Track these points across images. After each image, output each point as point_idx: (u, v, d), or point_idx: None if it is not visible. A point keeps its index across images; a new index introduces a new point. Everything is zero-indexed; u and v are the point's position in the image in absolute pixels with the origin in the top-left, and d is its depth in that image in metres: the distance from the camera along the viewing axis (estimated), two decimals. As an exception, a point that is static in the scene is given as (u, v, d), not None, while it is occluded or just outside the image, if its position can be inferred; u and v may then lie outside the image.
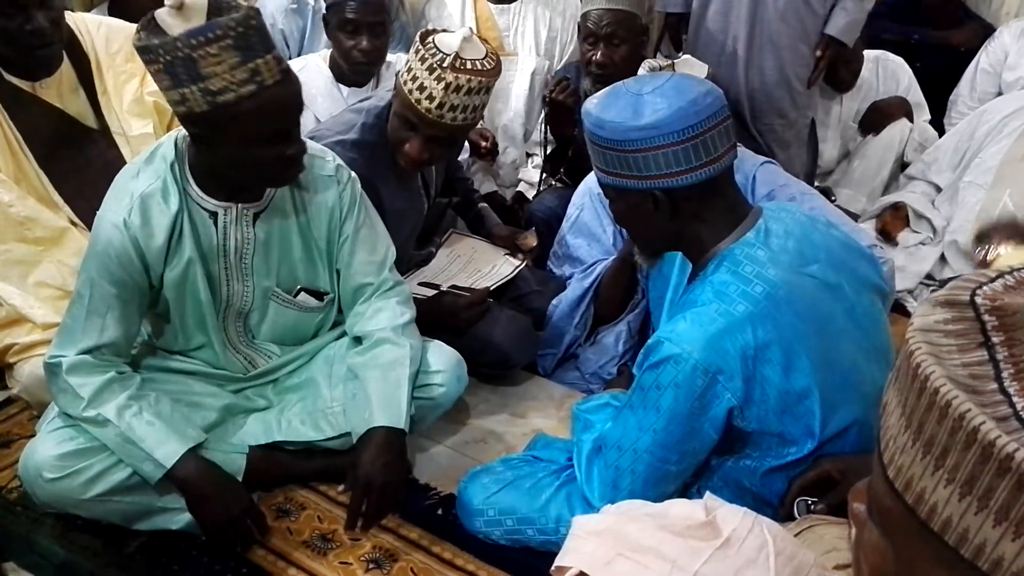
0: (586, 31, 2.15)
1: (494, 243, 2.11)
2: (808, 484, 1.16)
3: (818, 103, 2.61)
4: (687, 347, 1.09)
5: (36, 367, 1.55)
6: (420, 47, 1.55)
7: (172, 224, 1.32)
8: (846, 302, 1.18)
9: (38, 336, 1.63)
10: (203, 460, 1.34)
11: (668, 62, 1.87)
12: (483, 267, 2.01)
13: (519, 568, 1.36)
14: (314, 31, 2.56)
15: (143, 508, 1.37)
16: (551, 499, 1.33)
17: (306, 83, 1.55)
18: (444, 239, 2.09)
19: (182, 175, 1.33)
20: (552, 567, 0.72)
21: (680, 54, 2.21)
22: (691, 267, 1.24)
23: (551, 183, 2.40)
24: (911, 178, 2.52)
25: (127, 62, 1.85)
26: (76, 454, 1.32)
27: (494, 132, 2.54)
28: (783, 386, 1.11)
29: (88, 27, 1.82)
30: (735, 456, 1.21)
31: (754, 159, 1.78)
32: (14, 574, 1.37)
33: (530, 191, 2.55)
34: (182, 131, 1.34)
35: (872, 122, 2.64)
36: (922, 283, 2.31)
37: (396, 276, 1.56)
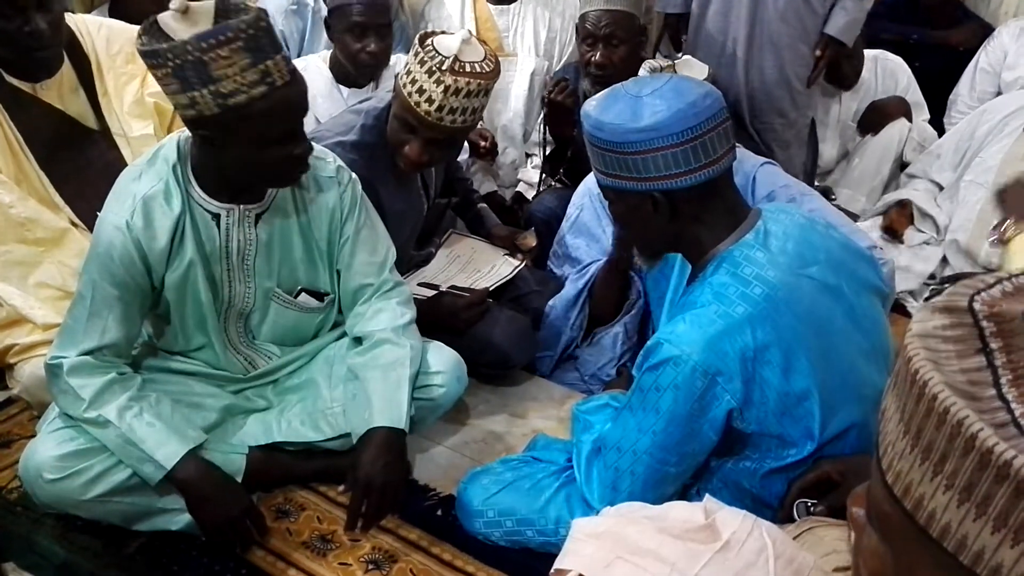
0: (584, 32, 2.15)
1: (493, 243, 2.11)
2: (808, 486, 1.16)
3: (818, 103, 2.60)
4: (686, 349, 1.09)
5: (37, 367, 1.55)
6: (419, 50, 1.55)
7: (174, 226, 1.32)
8: (845, 304, 1.18)
9: (38, 337, 1.63)
10: (203, 461, 1.35)
11: (669, 63, 1.87)
12: (482, 267, 2.01)
13: (518, 569, 1.36)
14: (314, 32, 2.56)
15: (143, 509, 1.37)
16: (550, 500, 1.33)
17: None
18: (444, 239, 2.09)
19: (184, 177, 1.33)
20: (551, 569, 0.72)
21: (680, 54, 2.21)
22: (690, 268, 1.24)
23: (550, 184, 2.40)
24: (912, 176, 2.51)
25: (127, 63, 1.84)
26: (76, 455, 1.32)
27: (493, 132, 2.54)
28: (782, 388, 1.11)
29: (89, 28, 1.82)
30: (734, 458, 1.21)
31: (754, 160, 1.78)
32: (14, 574, 1.37)
33: (529, 191, 2.54)
34: (184, 133, 1.34)
35: (871, 122, 2.63)
36: (923, 282, 2.31)
37: (396, 277, 1.56)
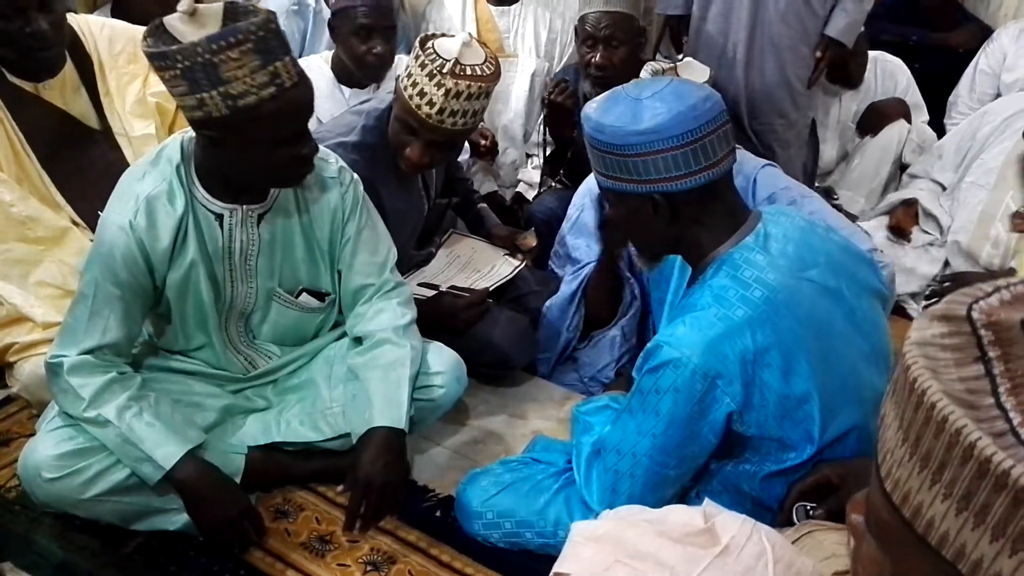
0: (584, 34, 2.15)
1: (493, 243, 2.11)
2: (807, 489, 1.16)
3: (818, 103, 2.60)
4: (686, 351, 1.09)
5: (36, 366, 1.55)
6: (420, 52, 1.55)
7: (177, 226, 1.32)
8: (845, 306, 1.18)
9: (38, 335, 1.63)
10: (202, 462, 1.35)
11: (671, 65, 1.87)
12: (482, 267, 2.01)
13: (517, 571, 1.36)
14: (315, 32, 2.55)
15: (141, 508, 1.37)
16: (550, 502, 1.33)
17: (308, 85, 1.55)
18: (444, 239, 2.09)
19: (188, 177, 1.33)
20: (550, 572, 0.72)
21: (681, 56, 2.21)
22: (690, 271, 1.24)
23: (550, 184, 2.41)
24: (914, 177, 2.51)
25: (129, 63, 1.85)
26: (75, 454, 1.32)
27: (494, 133, 2.54)
28: (782, 391, 1.11)
29: (91, 29, 1.82)
30: (734, 460, 1.21)
31: (755, 162, 1.78)
32: (12, 574, 1.37)
33: (530, 191, 2.55)
34: (188, 133, 1.34)
35: (870, 123, 2.63)
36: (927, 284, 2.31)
37: (397, 277, 1.56)
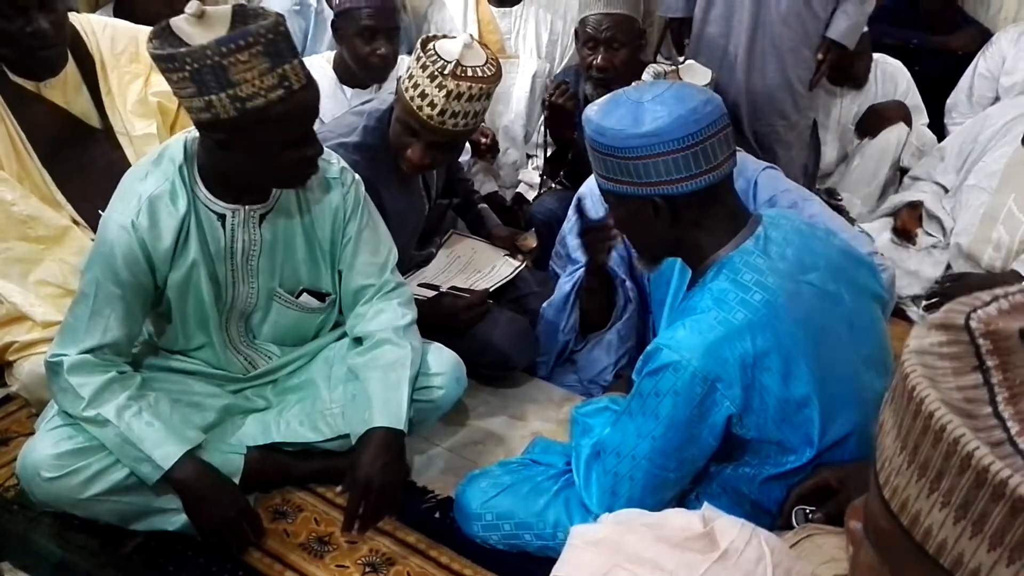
0: (585, 36, 2.15)
1: (494, 244, 2.11)
2: (807, 493, 1.16)
3: (819, 105, 2.60)
4: (686, 354, 1.09)
5: (36, 365, 1.55)
6: (421, 54, 1.56)
7: (179, 226, 1.32)
8: (845, 310, 1.19)
9: (38, 334, 1.63)
10: (201, 462, 1.35)
11: (672, 67, 1.87)
12: (483, 268, 2.01)
13: (516, 573, 1.36)
14: (316, 32, 2.56)
15: (140, 508, 1.37)
16: (549, 504, 1.33)
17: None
18: (444, 240, 2.10)
19: (190, 177, 1.33)
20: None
21: (682, 58, 2.21)
22: (690, 273, 1.24)
23: (551, 186, 2.41)
24: (916, 179, 2.50)
25: (131, 62, 1.85)
26: (74, 453, 1.32)
27: (495, 133, 2.55)
28: (782, 394, 1.12)
29: (93, 28, 1.82)
30: (734, 463, 1.21)
31: (756, 164, 1.78)
32: (10, 574, 1.37)
33: (530, 192, 2.55)
34: (191, 133, 1.34)
35: (869, 124, 2.62)
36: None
37: (398, 278, 1.56)
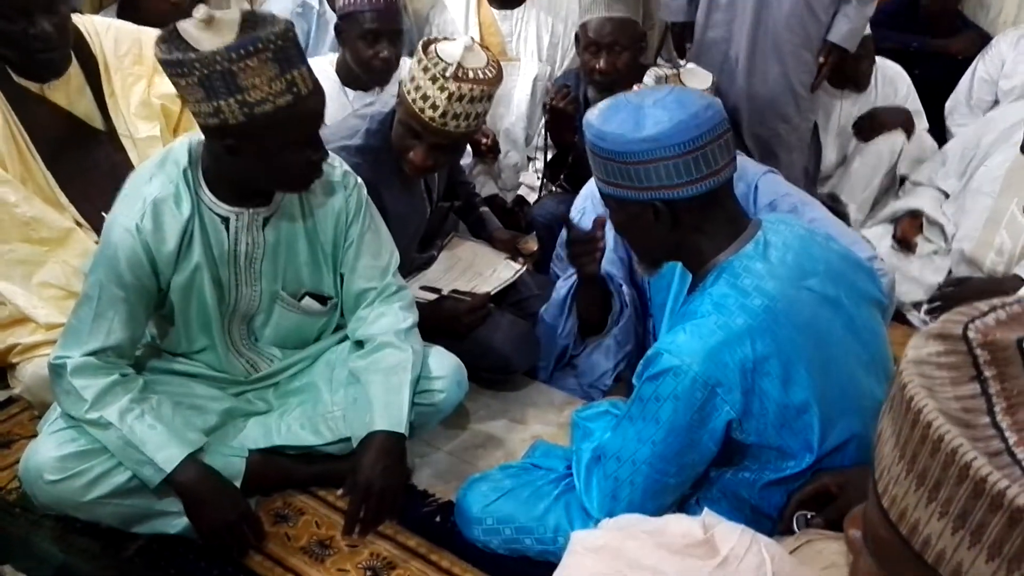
0: (587, 40, 2.15)
1: (495, 247, 2.11)
2: (807, 498, 1.16)
3: (819, 107, 2.60)
4: (686, 359, 1.09)
5: (39, 367, 1.56)
6: (422, 56, 1.56)
7: (183, 229, 1.32)
8: (844, 315, 1.19)
9: (41, 336, 1.64)
10: (202, 465, 1.35)
11: (674, 71, 1.87)
12: (484, 271, 2.01)
13: (517, 577, 1.36)
14: (318, 35, 2.56)
15: (142, 511, 1.37)
16: (550, 508, 1.32)
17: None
18: (445, 242, 2.10)
19: (195, 180, 1.34)
20: (549, 581, 0.72)
21: (684, 62, 2.22)
22: (691, 278, 1.24)
23: (551, 189, 2.41)
24: (917, 184, 2.50)
25: (135, 64, 1.85)
26: (77, 456, 1.32)
27: (496, 135, 2.55)
28: (782, 399, 1.12)
29: (97, 29, 1.83)
30: (734, 468, 1.21)
31: (756, 168, 1.78)
32: (12, 576, 1.38)
33: (531, 194, 2.55)
34: (195, 137, 1.34)
35: (865, 127, 2.62)
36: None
37: (399, 281, 1.56)
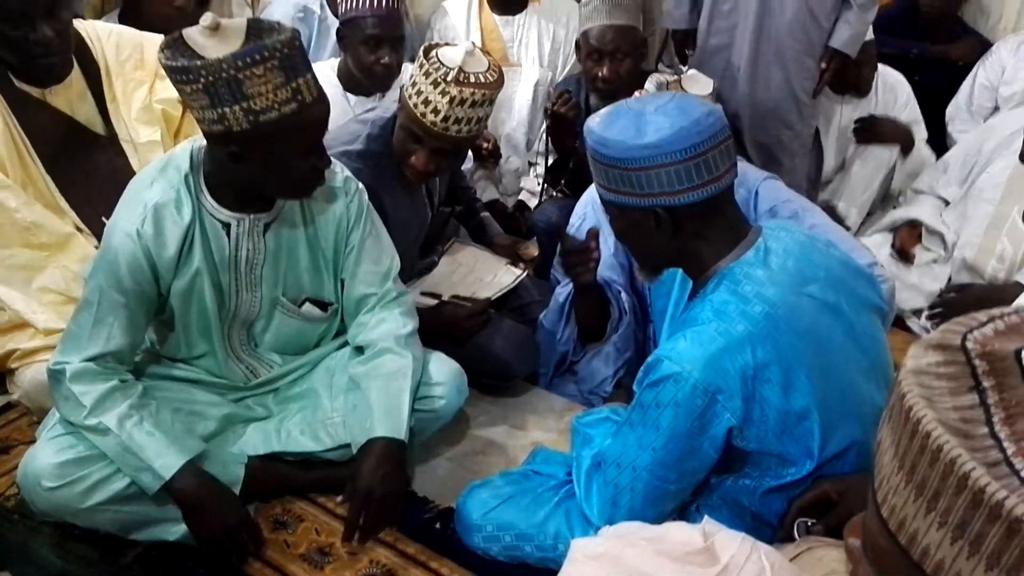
0: (588, 48, 2.15)
1: (496, 252, 2.11)
2: (807, 505, 1.16)
3: (820, 112, 2.61)
4: (687, 366, 1.09)
5: (38, 373, 1.55)
6: (424, 62, 1.57)
7: (184, 235, 1.33)
8: (845, 322, 1.18)
9: (40, 342, 1.63)
10: (201, 472, 1.34)
11: (675, 77, 1.88)
12: (484, 276, 2.01)
13: (517, 584, 1.35)
14: (319, 40, 2.57)
15: (141, 518, 1.37)
16: (550, 515, 1.32)
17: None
18: (446, 248, 2.10)
19: (196, 186, 1.34)
20: (548, 589, 0.72)
21: (686, 68, 2.22)
22: (691, 284, 1.24)
23: (552, 194, 2.41)
24: (919, 192, 2.50)
25: (136, 70, 1.85)
26: (76, 462, 1.32)
27: (497, 140, 2.55)
28: (782, 406, 1.11)
29: (99, 35, 1.83)
30: (734, 475, 1.20)
31: (756, 174, 1.78)
32: (11, 583, 1.37)
33: (532, 199, 2.56)
34: (197, 142, 1.35)
35: (865, 131, 2.61)
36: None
37: (400, 287, 1.56)
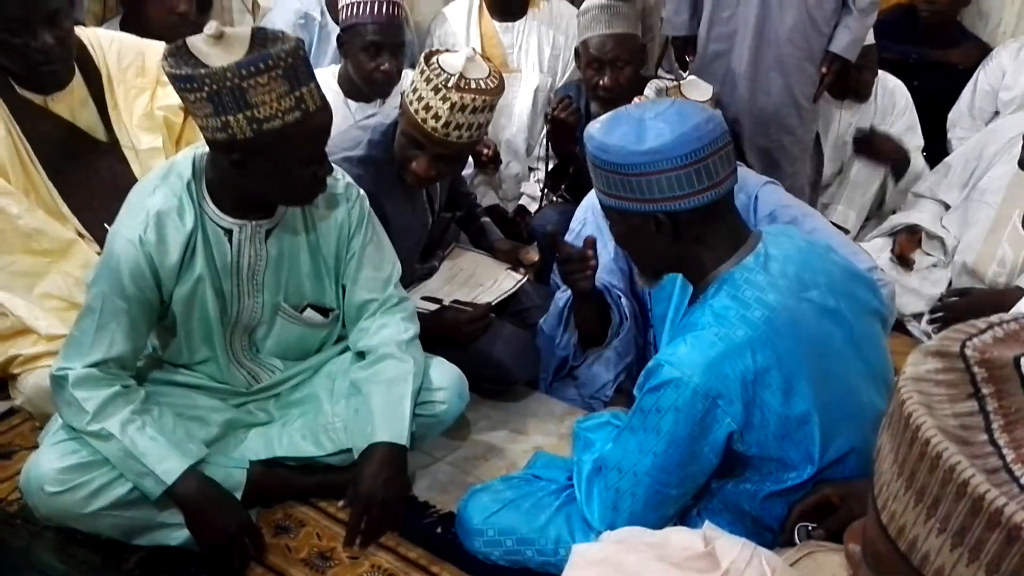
0: (589, 57, 2.16)
1: (496, 257, 2.12)
2: (808, 509, 1.16)
3: (819, 116, 2.61)
4: (687, 371, 1.09)
5: (40, 378, 1.56)
6: (425, 68, 1.57)
7: (186, 242, 1.33)
8: (845, 327, 1.19)
9: (42, 347, 1.64)
10: (203, 477, 1.35)
11: (674, 83, 1.88)
12: (485, 281, 2.01)
13: (518, 589, 1.35)
14: (320, 46, 2.57)
15: (143, 523, 1.37)
16: (551, 520, 1.32)
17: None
18: (447, 253, 2.10)
19: (198, 193, 1.34)
20: (550, 595, 0.72)
21: (686, 74, 2.23)
22: (691, 289, 1.25)
23: (552, 199, 2.42)
24: (919, 196, 2.51)
25: (138, 76, 1.86)
26: (78, 468, 1.32)
27: (497, 146, 2.56)
28: (783, 411, 1.12)
29: (100, 42, 1.84)
30: (735, 480, 1.21)
31: (756, 179, 1.78)
32: (13, 588, 1.37)
33: (532, 204, 2.56)
34: (199, 149, 1.35)
35: (865, 143, 2.62)
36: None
37: (401, 292, 1.57)
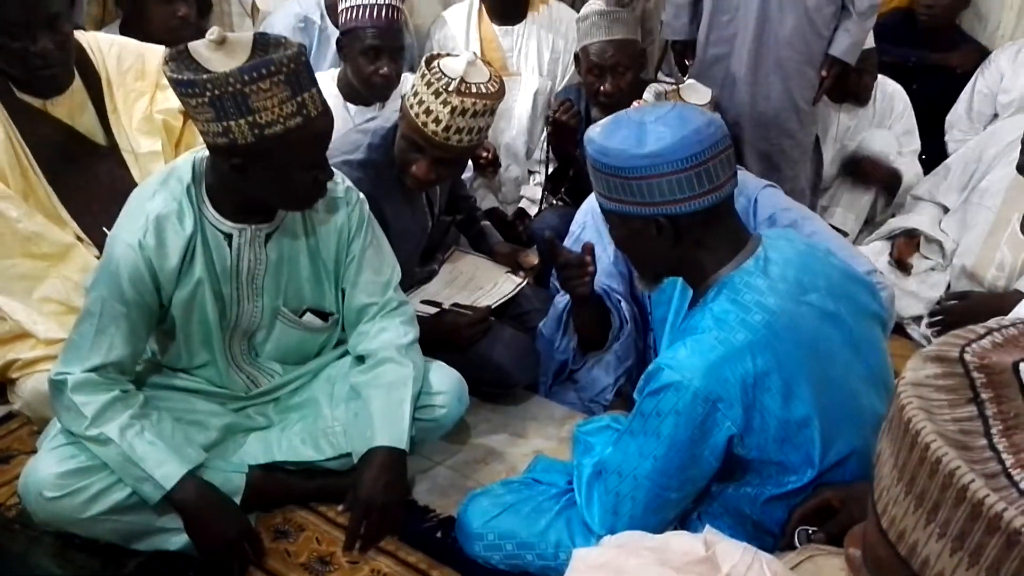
0: (589, 64, 2.16)
1: (496, 261, 2.12)
2: (808, 512, 1.16)
3: (818, 118, 2.62)
4: (687, 375, 1.09)
5: (39, 383, 1.56)
6: (425, 72, 1.57)
7: (186, 246, 1.33)
8: (845, 330, 1.19)
9: (41, 352, 1.63)
10: (202, 482, 1.35)
11: (673, 87, 1.89)
12: (485, 284, 2.01)
13: (518, 593, 1.35)
14: (320, 50, 2.57)
15: (142, 528, 1.37)
16: (551, 524, 1.32)
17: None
18: (447, 256, 2.10)
19: (198, 197, 1.34)
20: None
21: (685, 78, 2.23)
22: (691, 293, 1.25)
23: (552, 202, 2.42)
24: (918, 199, 2.51)
25: (137, 80, 1.86)
26: (77, 472, 1.32)
27: (497, 149, 2.56)
28: (783, 415, 1.12)
29: (100, 46, 1.84)
30: (735, 483, 1.20)
31: (756, 183, 1.78)
32: (12, 593, 1.37)
33: (532, 207, 2.56)
34: (199, 153, 1.35)
35: (854, 165, 2.62)
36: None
37: (400, 296, 1.57)
